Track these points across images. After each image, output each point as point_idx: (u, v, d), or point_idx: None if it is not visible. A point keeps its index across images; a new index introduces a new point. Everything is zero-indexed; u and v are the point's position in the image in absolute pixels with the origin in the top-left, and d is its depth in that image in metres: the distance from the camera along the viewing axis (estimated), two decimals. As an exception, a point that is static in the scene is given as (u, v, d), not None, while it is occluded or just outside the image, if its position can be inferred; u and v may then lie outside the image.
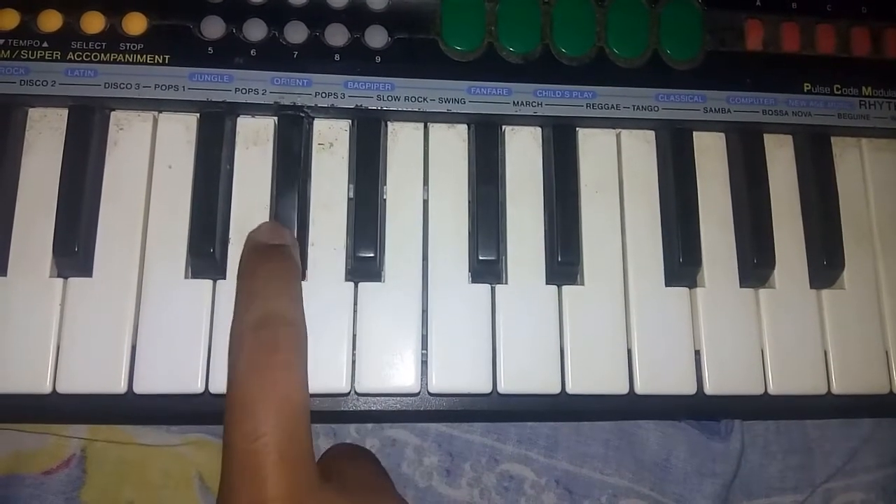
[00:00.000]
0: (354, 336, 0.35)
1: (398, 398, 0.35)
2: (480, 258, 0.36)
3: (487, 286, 0.36)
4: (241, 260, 0.34)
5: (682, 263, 0.37)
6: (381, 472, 0.35)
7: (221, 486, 0.28)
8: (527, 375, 0.35)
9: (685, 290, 0.37)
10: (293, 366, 0.30)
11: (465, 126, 0.38)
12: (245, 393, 0.28)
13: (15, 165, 0.36)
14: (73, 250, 0.34)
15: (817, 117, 0.40)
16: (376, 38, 0.38)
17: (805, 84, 0.40)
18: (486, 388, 0.35)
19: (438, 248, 0.36)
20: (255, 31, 0.37)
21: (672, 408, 0.40)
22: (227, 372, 0.30)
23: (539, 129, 0.39)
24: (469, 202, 0.37)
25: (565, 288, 0.37)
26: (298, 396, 0.29)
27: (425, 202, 0.37)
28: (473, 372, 0.35)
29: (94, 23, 0.37)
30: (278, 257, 0.33)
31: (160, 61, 0.37)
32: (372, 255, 0.35)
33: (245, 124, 0.37)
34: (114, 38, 0.37)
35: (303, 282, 0.35)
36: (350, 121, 0.38)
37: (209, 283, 0.35)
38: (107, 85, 0.36)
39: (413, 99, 0.37)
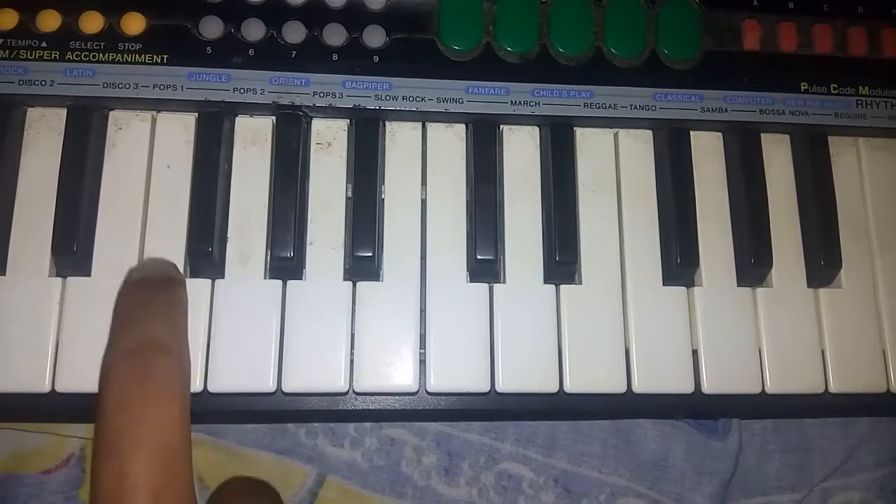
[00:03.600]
0: (353, 335, 0.35)
1: (396, 397, 0.35)
2: (478, 257, 0.36)
3: (485, 285, 0.36)
4: (119, 293, 0.30)
5: (679, 263, 0.37)
6: None
7: None
8: (525, 374, 0.35)
9: (683, 289, 0.37)
10: (168, 398, 0.26)
11: (463, 126, 0.38)
12: (112, 428, 0.25)
13: (14, 165, 0.36)
14: (72, 250, 0.34)
15: (814, 117, 0.40)
16: (374, 37, 0.38)
17: (802, 84, 0.40)
18: (485, 387, 0.35)
19: (436, 247, 0.37)
20: (254, 30, 0.38)
21: (670, 407, 0.40)
22: (95, 404, 0.26)
23: (537, 129, 0.39)
24: (467, 202, 0.37)
25: (563, 287, 0.37)
26: (174, 433, 0.26)
27: (423, 202, 0.37)
28: (472, 371, 0.35)
29: (92, 22, 0.37)
30: (161, 288, 0.30)
31: (159, 61, 0.37)
32: (370, 254, 0.35)
33: (243, 124, 0.37)
34: (112, 37, 0.37)
35: (301, 281, 0.35)
36: (348, 120, 0.38)
37: (207, 282, 0.35)
38: (105, 85, 0.36)
39: (411, 99, 0.38)
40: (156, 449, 0.25)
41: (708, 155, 0.39)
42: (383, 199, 0.37)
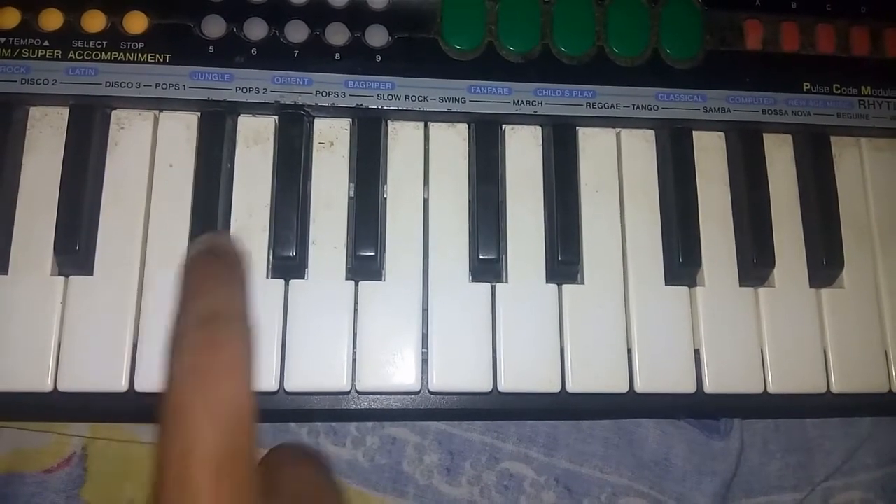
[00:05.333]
0: (355, 334, 0.35)
1: (399, 396, 0.35)
2: (481, 257, 0.36)
3: (488, 285, 0.36)
4: (185, 261, 0.30)
5: (681, 263, 0.37)
6: (327, 483, 0.31)
7: (150, 500, 0.25)
8: (527, 374, 0.35)
9: (685, 289, 0.37)
10: (239, 368, 0.26)
11: (465, 125, 0.38)
12: (181, 396, 0.25)
13: (16, 164, 0.36)
14: (74, 249, 0.34)
15: (817, 117, 0.40)
16: (377, 37, 0.38)
17: (805, 84, 0.40)
18: (487, 386, 0.35)
19: (439, 246, 0.37)
20: (256, 30, 0.37)
21: (672, 406, 0.40)
22: (164, 373, 0.26)
23: (539, 129, 0.39)
24: (469, 201, 0.37)
25: (565, 287, 0.37)
26: (242, 403, 0.26)
27: (425, 201, 0.37)
28: (474, 370, 0.35)
29: (94, 22, 0.37)
30: (229, 258, 0.30)
31: (161, 60, 0.37)
32: (372, 253, 0.35)
33: (246, 123, 0.37)
34: (115, 36, 0.37)
35: (303, 280, 0.35)
36: (350, 120, 0.38)
37: (210, 281, 0.35)
38: (108, 84, 0.36)
39: (413, 98, 0.38)
40: (224, 419, 0.25)
41: (710, 155, 0.39)
42: (385, 199, 0.37)
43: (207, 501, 0.23)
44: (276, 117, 0.37)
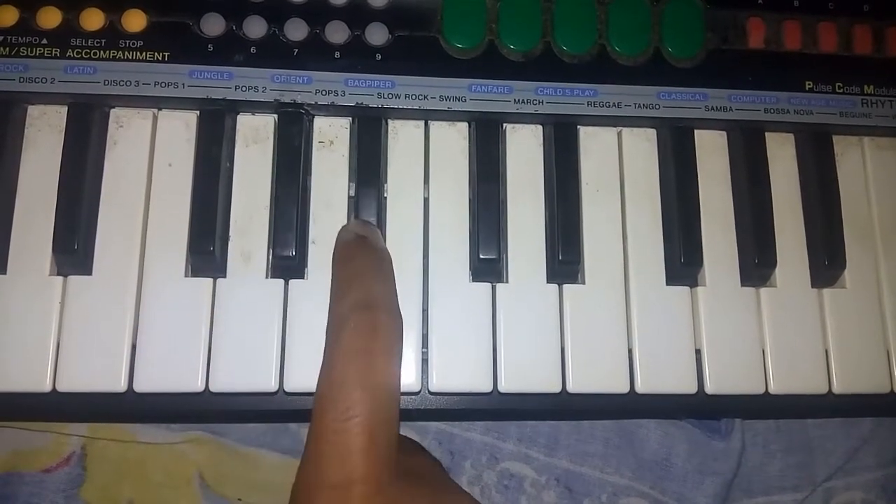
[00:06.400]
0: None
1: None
2: (481, 257, 0.36)
3: (488, 285, 0.36)
4: (336, 248, 0.34)
5: (683, 262, 0.37)
6: (439, 467, 0.35)
7: (305, 465, 0.28)
8: (527, 374, 0.35)
9: (686, 288, 0.37)
10: (391, 354, 0.30)
11: (465, 124, 0.38)
12: (343, 373, 0.28)
13: (14, 163, 0.36)
14: (73, 248, 0.34)
15: (819, 116, 0.40)
16: (377, 35, 0.38)
17: (807, 82, 0.40)
18: (487, 386, 0.35)
19: (439, 246, 0.36)
20: (256, 28, 0.37)
21: (673, 407, 0.40)
22: (325, 352, 0.30)
23: (540, 128, 0.39)
24: (470, 200, 0.37)
25: (566, 287, 0.36)
26: (393, 385, 0.29)
27: (426, 200, 0.37)
28: (474, 371, 0.35)
29: (93, 20, 0.37)
30: (374, 248, 0.33)
31: (160, 58, 0.37)
32: (372, 253, 0.35)
33: (245, 122, 0.37)
34: (113, 35, 0.37)
35: (303, 280, 0.35)
36: (350, 118, 0.38)
37: (209, 281, 0.35)
38: (106, 82, 0.36)
39: (414, 97, 0.37)
40: (378, 396, 0.28)
41: (712, 154, 0.39)
42: (386, 198, 0.37)
43: (361, 459, 0.27)
44: (276, 116, 0.37)
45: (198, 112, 0.37)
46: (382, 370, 0.29)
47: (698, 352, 0.36)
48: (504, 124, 0.38)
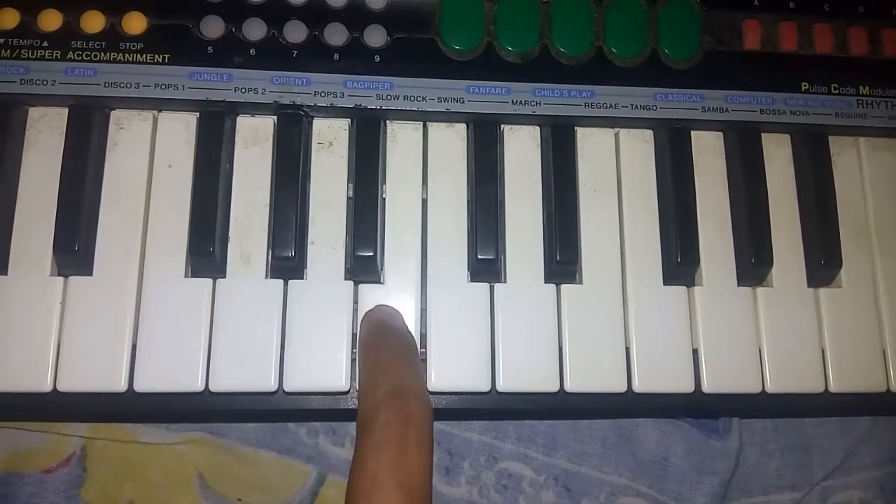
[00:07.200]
0: (354, 334, 0.35)
1: (397, 396, 0.35)
2: (479, 257, 0.36)
3: (486, 285, 0.36)
4: (362, 334, 0.34)
5: (680, 262, 0.37)
6: None
7: None
8: (525, 374, 0.35)
9: (683, 288, 0.37)
10: (423, 442, 0.28)
11: (463, 125, 0.38)
12: (378, 465, 0.27)
13: (15, 164, 0.36)
14: (74, 249, 0.34)
15: (815, 116, 0.40)
16: (375, 37, 0.38)
17: (803, 83, 0.40)
18: (485, 386, 0.35)
19: (437, 246, 0.37)
20: (255, 30, 0.38)
21: (670, 406, 0.40)
22: (357, 443, 0.29)
23: (538, 129, 0.39)
24: (468, 201, 0.38)
25: (564, 287, 0.37)
26: (425, 475, 0.28)
27: (424, 201, 0.37)
28: (472, 370, 0.35)
29: (93, 22, 0.37)
30: (401, 335, 0.33)
31: (160, 60, 0.37)
32: (371, 253, 0.35)
33: (245, 123, 0.37)
34: (114, 37, 0.37)
35: (302, 280, 0.35)
36: (349, 120, 0.38)
37: (209, 281, 0.35)
38: (107, 84, 0.36)
39: (412, 98, 0.38)
40: (411, 488, 0.27)
41: (708, 155, 0.39)
42: (384, 199, 0.37)
43: None
44: (275, 117, 0.37)
45: (198, 113, 0.37)
46: (415, 460, 0.28)
47: (695, 351, 0.37)
48: (502, 125, 0.39)
